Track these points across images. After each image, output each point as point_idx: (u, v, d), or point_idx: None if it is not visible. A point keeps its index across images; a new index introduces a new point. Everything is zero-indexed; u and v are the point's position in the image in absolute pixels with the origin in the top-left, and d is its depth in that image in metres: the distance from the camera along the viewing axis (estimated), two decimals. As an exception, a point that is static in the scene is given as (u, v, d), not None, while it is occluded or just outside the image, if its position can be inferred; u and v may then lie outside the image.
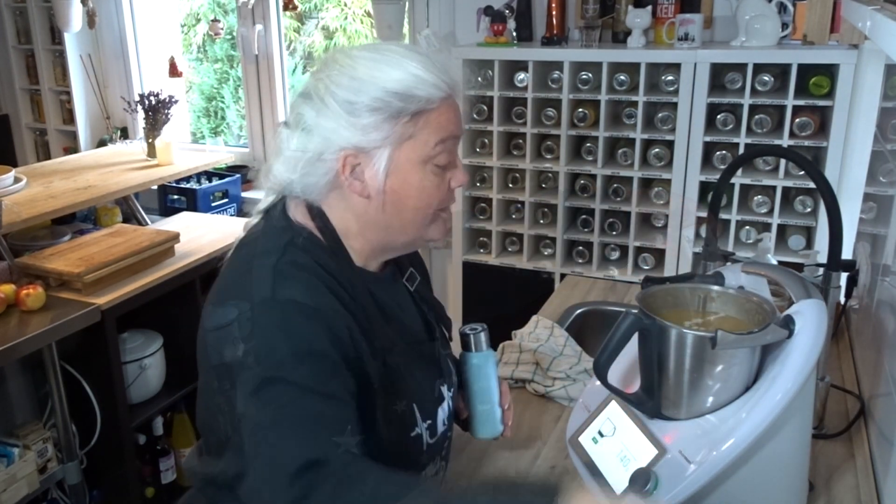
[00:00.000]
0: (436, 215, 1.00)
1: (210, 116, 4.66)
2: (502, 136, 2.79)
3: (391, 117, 0.92)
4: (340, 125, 0.93)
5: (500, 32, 2.75)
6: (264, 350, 0.86)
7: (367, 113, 0.92)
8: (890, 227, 1.34)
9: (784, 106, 2.36)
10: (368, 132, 0.93)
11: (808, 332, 0.99)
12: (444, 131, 0.95)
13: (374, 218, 0.98)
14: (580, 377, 1.50)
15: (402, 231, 1.00)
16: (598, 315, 1.90)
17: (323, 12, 4.45)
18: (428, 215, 0.99)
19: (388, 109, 0.92)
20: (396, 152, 0.94)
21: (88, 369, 2.20)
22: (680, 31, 2.47)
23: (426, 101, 0.93)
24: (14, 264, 2.17)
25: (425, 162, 0.96)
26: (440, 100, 0.94)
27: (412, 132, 0.94)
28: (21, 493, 2.00)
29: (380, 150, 0.94)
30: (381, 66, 0.93)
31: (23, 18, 4.03)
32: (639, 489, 1.00)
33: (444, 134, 0.95)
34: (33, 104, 4.23)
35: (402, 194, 0.96)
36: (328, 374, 0.87)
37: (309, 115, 0.95)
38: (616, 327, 1.04)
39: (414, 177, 0.95)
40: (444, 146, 0.96)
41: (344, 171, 0.95)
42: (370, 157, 0.94)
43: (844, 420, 1.37)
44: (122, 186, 2.93)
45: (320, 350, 0.87)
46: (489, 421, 1.16)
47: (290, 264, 0.93)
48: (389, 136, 0.93)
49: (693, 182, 2.53)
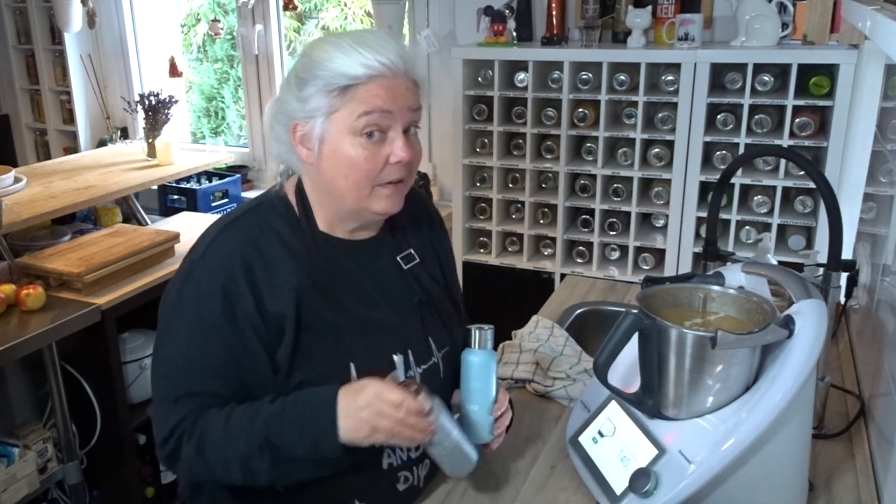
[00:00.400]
0: (376, 189, 1.09)
1: (210, 116, 4.66)
2: (502, 136, 2.79)
3: (323, 90, 1.05)
4: (292, 98, 1.08)
5: (500, 32, 2.75)
6: (175, 302, 1.10)
7: (308, 87, 1.06)
8: (890, 227, 1.34)
9: (784, 106, 2.36)
10: (307, 103, 1.06)
11: (808, 332, 0.99)
12: (368, 105, 1.04)
13: (320, 184, 1.11)
14: (580, 377, 1.50)
15: (343, 198, 1.10)
16: (598, 315, 1.90)
17: (323, 12, 4.44)
18: (363, 186, 1.08)
19: (321, 83, 1.05)
20: (328, 122, 1.06)
21: (88, 369, 2.20)
22: (680, 31, 2.47)
23: (352, 77, 1.03)
24: (14, 264, 2.17)
25: (353, 133, 1.05)
26: (368, 77, 1.04)
27: (339, 105, 1.05)
28: (21, 493, 2.00)
29: (316, 120, 1.06)
30: (326, 46, 1.06)
31: (23, 18, 4.03)
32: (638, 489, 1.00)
33: (368, 107, 1.04)
34: (33, 104, 4.23)
35: (334, 162, 1.07)
36: (206, 342, 1.06)
37: (280, 89, 1.13)
38: (616, 327, 1.04)
39: (343, 146, 1.06)
40: (368, 118, 1.05)
41: (295, 139, 1.09)
42: (311, 127, 1.07)
43: (844, 420, 1.37)
44: (122, 186, 2.94)
45: (206, 324, 1.06)
46: (477, 424, 1.12)
47: (229, 236, 1.11)
48: (322, 108, 1.05)
49: (693, 182, 2.53)
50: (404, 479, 1.17)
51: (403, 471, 1.17)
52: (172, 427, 1.06)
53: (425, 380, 1.15)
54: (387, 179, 1.08)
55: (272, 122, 1.13)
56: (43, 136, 4.24)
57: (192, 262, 1.11)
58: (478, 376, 1.12)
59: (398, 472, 1.17)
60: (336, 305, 1.11)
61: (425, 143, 3.34)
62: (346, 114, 1.05)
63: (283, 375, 1.09)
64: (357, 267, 1.15)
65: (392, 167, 1.08)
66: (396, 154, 1.07)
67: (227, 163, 3.62)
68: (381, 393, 1.01)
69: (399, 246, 1.20)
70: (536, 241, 2.90)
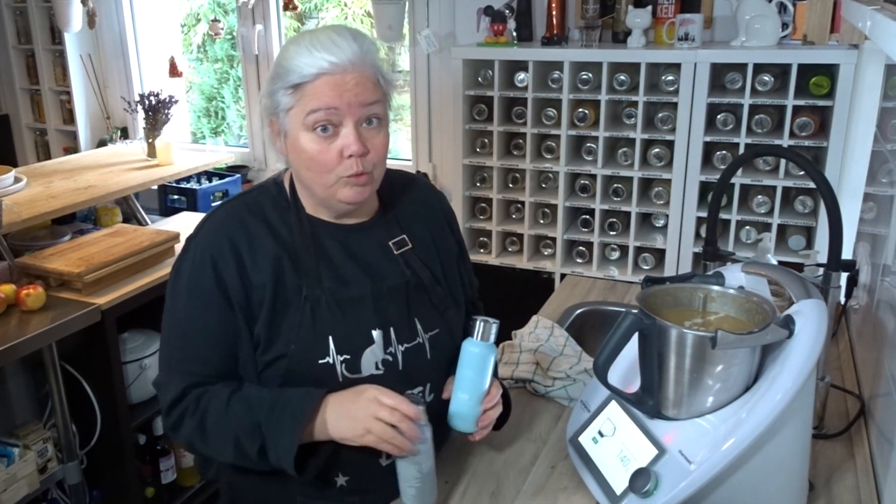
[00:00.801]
0: (341, 180, 1.13)
1: (210, 116, 4.65)
2: (502, 136, 2.79)
3: (282, 88, 1.11)
4: (265, 94, 1.15)
5: (500, 32, 2.75)
6: (174, 275, 1.19)
7: (271, 84, 1.13)
8: (890, 227, 1.34)
9: (784, 106, 2.36)
10: (271, 99, 1.13)
11: (808, 332, 0.99)
12: (316, 102, 1.09)
13: (295, 173, 1.19)
14: (580, 377, 1.50)
15: (312, 187, 1.16)
16: (598, 315, 1.90)
17: (323, 12, 4.44)
18: (325, 177, 1.13)
19: (279, 82, 1.11)
20: (287, 118, 1.13)
21: (88, 369, 2.20)
22: (680, 31, 2.47)
23: (300, 75, 1.09)
24: (14, 264, 2.17)
25: (307, 129, 1.11)
26: (314, 75, 1.09)
27: (293, 102, 1.11)
28: (21, 493, 2.00)
29: (280, 115, 1.13)
30: (289, 46, 1.13)
31: (23, 18, 4.03)
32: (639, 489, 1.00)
33: (315, 104, 1.10)
34: (33, 104, 4.23)
35: (296, 155, 1.14)
36: (201, 311, 1.15)
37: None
38: (616, 327, 1.04)
39: (301, 140, 1.12)
40: (315, 115, 1.10)
41: (273, 133, 1.17)
42: (279, 121, 1.14)
43: (844, 420, 1.38)
44: (122, 186, 2.93)
45: (199, 292, 1.15)
46: (462, 411, 1.15)
47: (221, 217, 1.19)
48: (281, 104, 1.12)
49: (693, 182, 2.53)
50: (387, 455, 1.18)
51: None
52: (174, 399, 1.15)
53: (408, 357, 1.19)
54: (346, 173, 1.12)
55: (261, 117, 1.21)
56: (43, 136, 4.24)
57: (188, 240, 1.20)
58: (472, 366, 1.15)
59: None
60: (314, 281, 1.16)
61: (425, 142, 3.34)
62: (298, 111, 1.11)
63: (262, 350, 1.15)
64: (340, 247, 1.20)
65: (349, 161, 1.12)
66: (348, 148, 1.11)
67: (227, 163, 3.62)
68: (379, 395, 1.08)
69: (391, 232, 1.25)
70: (536, 241, 2.90)
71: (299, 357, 1.13)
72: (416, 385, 1.19)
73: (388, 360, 1.17)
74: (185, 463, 2.53)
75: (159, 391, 1.19)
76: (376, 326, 1.17)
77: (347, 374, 1.15)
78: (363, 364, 1.16)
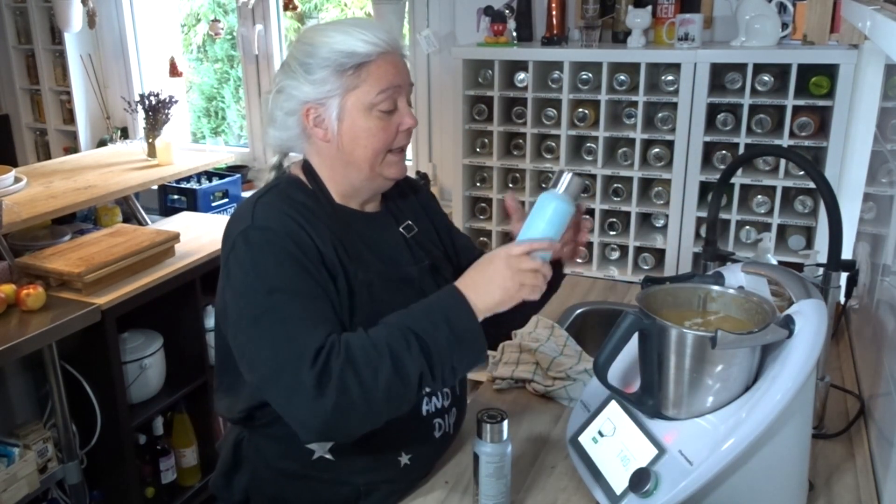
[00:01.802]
0: (387, 156, 1.18)
1: (210, 116, 4.65)
2: (502, 136, 2.79)
3: (337, 71, 1.12)
4: (300, 83, 1.14)
5: (500, 32, 2.75)
6: (251, 268, 1.08)
7: (318, 70, 1.13)
8: (890, 227, 1.34)
9: (784, 106, 2.36)
10: (321, 86, 1.13)
11: (808, 332, 0.99)
12: (384, 81, 1.13)
13: (337, 159, 1.18)
14: (580, 377, 1.50)
15: (359, 168, 1.17)
16: (598, 315, 1.90)
17: (323, 12, 4.44)
18: (379, 153, 1.16)
19: (334, 65, 1.12)
20: (345, 101, 1.13)
21: (88, 369, 2.20)
22: (680, 31, 2.47)
23: (364, 55, 1.12)
24: (14, 264, 2.17)
25: (370, 108, 1.14)
26: (378, 54, 1.12)
27: (356, 83, 1.13)
28: (21, 492, 2.00)
29: (332, 100, 1.13)
30: (328, 32, 1.14)
31: (23, 18, 4.03)
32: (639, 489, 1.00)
33: (384, 84, 1.13)
34: (33, 104, 4.23)
35: (353, 136, 1.15)
36: (300, 276, 1.08)
37: (280, 79, 1.18)
38: (616, 327, 1.04)
39: (361, 120, 1.14)
40: (386, 94, 1.14)
41: (308, 122, 1.16)
42: (326, 107, 1.14)
43: (844, 420, 1.38)
44: (122, 186, 2.93)
45: (290, 260, 1.08)
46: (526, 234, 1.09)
47: (266, 203, 1.15)
48: (338, 87, 1.13)
49: (693, 182, 2.53)
50: (438, 426, 1.24)
51: (437, 418, 1.24)
52: (318, 347, 1.02)
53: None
54: (398, 146, 1.18)
55: (274, 113, 1.18)
56: (43, 136, 4.24)
57: (243, 232, 1.11)
58: (545, 218, 1.08)
59: (434, 419, 1.24)
60: (364, 265, 1.16)
61: (425, 142, 3.34)
62: (362, 92, 1.13)
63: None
64: (369, 234, 1.22)
65: (401, 134, 1.18)
66: (406, 122, 1.17)
67: (227, 163, 3.62)
68: (508, 250, 1.07)
69: (398, 218, 1.29)
70: (536, 241, 2.90)
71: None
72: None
73: None
74: (186, 463, 2.53)
75: (282, 374, 1.03)
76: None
77: None
78: None
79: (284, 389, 1.03)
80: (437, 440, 1.25)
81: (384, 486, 1.21)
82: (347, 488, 1.20)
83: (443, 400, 1.24)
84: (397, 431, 1.17)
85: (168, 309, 2.39)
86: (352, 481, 1.20)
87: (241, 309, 1.08)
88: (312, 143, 1.19)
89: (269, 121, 1.20)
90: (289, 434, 1.07)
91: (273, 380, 1.04)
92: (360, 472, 1.20)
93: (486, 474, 1.10)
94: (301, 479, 1.21)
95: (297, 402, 1.01)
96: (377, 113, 1.14)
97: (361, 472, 1.20)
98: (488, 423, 1.08)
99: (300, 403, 1.01)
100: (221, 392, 1.27)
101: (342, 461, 1.19)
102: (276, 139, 1.21)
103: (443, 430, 1.25)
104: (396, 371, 1.02)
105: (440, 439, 1.26)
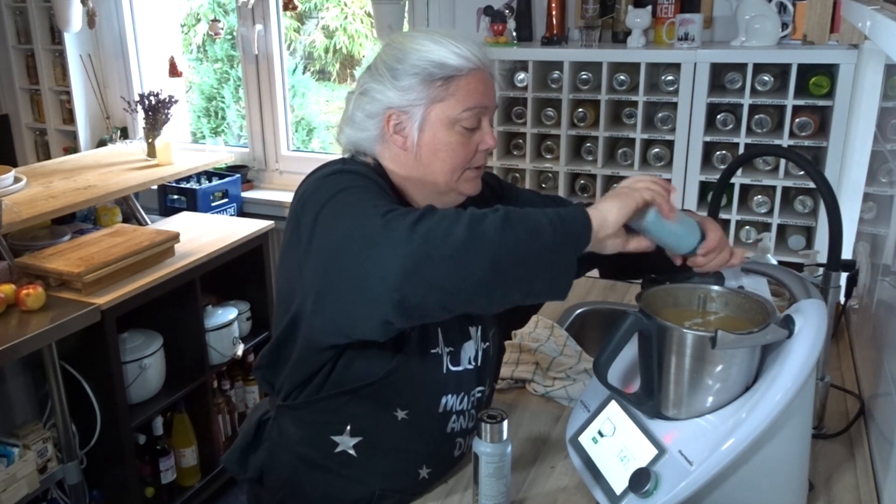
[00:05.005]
0: (465, 173, 1.15)
1: (210, 116, 4.66)
2: (502, 136, 2.78)
3: (425, 81, 1.09)
4: (386, 87, 1.11)
5: (500, 32, 2.75)
6: (335, 184, 1.05)
7: (406, 77, 1.10)
8: (890, 227, 1.34)
9: (784, 106, 2.36)
10: (407, 93, 1.10)
11: (808, 332, 0.99)
12: (471, 100, 1.11)
13: (412, 168, 1.15)
14: (580, 377, 1.50)
15: (435, 181, 1.15)
16: (598, 315, 1.90)
17: (323, 12, 4.45)
18: (456, 169, 1.14)
19: (423, 74, 1.09)
20: (429, 111, 1.11)
21: (88, 369, 2.20)
22: (680, 31, 2.47)
23: (455, 68, 1.09)
24: (14, 264, 2.17)
25: (453, 123, 1.11)
26: (469, 70, 1.10)
27: (443, 95, 1.10)
28: (21, 492, 2.00)
29: (416, 109, 1.11)
30: (420, 40, 1.11)
31: (23, 18, 4.03)
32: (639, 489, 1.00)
33: (472, 102, 1.11)
34: (33, 104, 4.22)
35: (432, 148, 1.12)
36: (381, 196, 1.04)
37: (365, 81, 1.15)
38: (616, 327, 1.04)
39: (442, 134, 1.11)
40: (472, 112, 1.11)
41: (388, 127, 1.13)
42: (409, 115, 1.11)
43: (844, 420, 1.38)
44: (122, 186, 2.93)
45: (379, 188, 1.07)
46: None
47: (351, 162, 1.15)
48: (424, 97, 1.10)
49: (693, 182, 2.53)
50: (459, 445, 1.25)
51: (459, 437, 1.25)
52: (388, 209, 0.96)
53: (485, 355, 1.24)
54: (475, 165, 1.16)
55: (354, 114, 1.16)
56: (43, 136, 4.24)
57: (330, 173, 1.09)
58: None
59: (456, 438, 1.24)
60: None
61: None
62: (449, 105, 1.10)
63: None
64: None
65: (480, 154, 1.15)
66: (486, 143, 1.14)
67: (226, 163, 3.61)
68: (636, 181, 1.03)
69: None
70: (536, 241, 2.90)
71: (416, 341, 1.14)
72: (480, 384, 1.25)
73: (477, 355, 1.23)
74: (185, 463, 2.53)
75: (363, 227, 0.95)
76: (472, 323, 1.21)
77: (450, 367, 1.18)
78: (462, 357, 1.20)
79: (364, 242, 0.94)
80: (456, 459, 1.27)
81: (398, 495, 1.20)
82: (362, 489, 1.19)
83: (467, 421, 1.25)
84: (424, 444, 1.20)
85: (168, 309, 2.39)
86: (368, 483, 1.19)
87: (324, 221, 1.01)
88: (388, 148, 1.15)
89: (347, 121, 1.17)
90: (317, 421, 1.12)
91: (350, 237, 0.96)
92: (379, 476, 1.19)
93: (486, 474, 1.10)
94: (318, 469, 1.20)
95: (379, 250, 0.92)
96: (459, 129, 1.12)
97: (380, 476, 1.19)
98: (488, 423, 1.08)
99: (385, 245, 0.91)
100: (271, 366, 1.21)
101: (364, 461, 1.18)
102: (349, 138, 1.18)
103: (461, 450, 1.27)
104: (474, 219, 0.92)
105: (458, 458, 1.27)
